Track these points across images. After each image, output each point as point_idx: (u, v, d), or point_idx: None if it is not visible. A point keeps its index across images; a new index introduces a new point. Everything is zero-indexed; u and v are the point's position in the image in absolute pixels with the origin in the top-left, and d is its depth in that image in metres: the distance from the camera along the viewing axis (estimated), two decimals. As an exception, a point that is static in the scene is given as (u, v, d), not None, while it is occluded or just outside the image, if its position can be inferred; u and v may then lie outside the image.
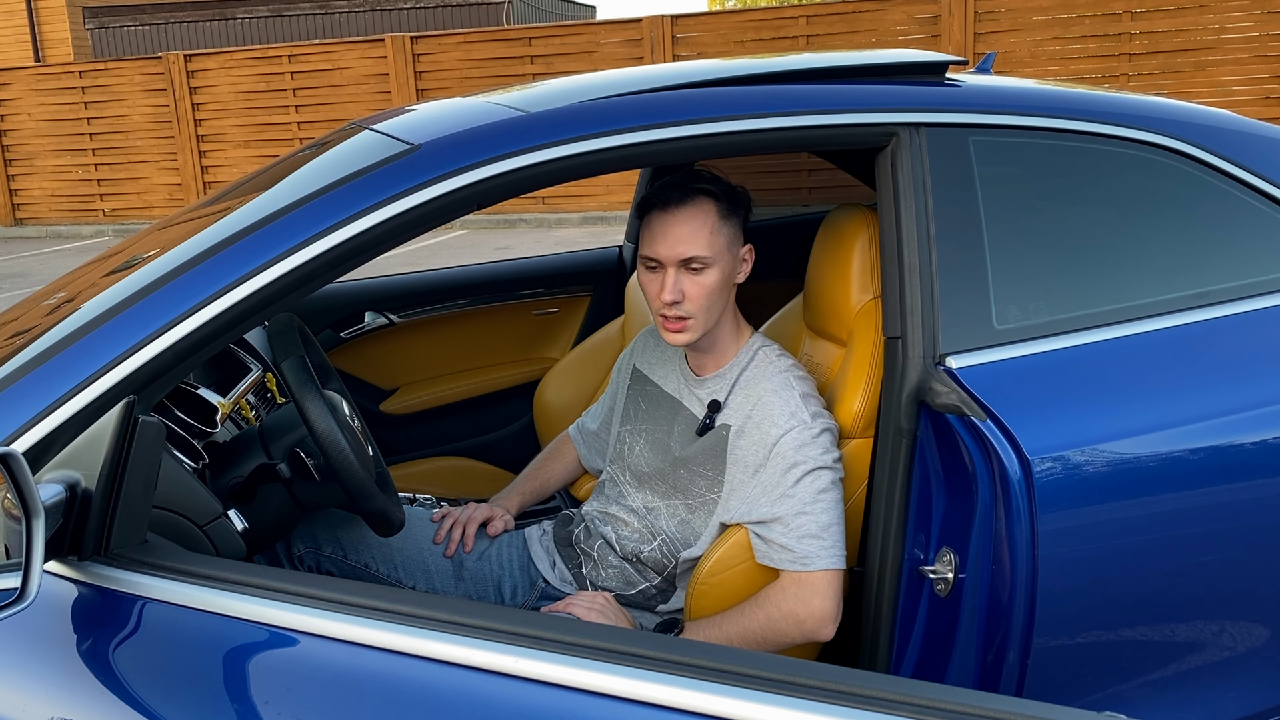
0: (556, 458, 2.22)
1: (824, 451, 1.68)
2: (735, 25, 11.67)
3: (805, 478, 1.65)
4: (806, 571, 1.64)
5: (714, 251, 1.69)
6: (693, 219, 1.69)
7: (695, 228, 1.68)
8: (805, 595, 1.63)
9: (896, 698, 0.99)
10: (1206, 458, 1.58)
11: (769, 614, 1.65)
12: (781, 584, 1.66)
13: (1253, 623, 1.68)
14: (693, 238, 1.68)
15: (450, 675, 1.05)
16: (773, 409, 1.71)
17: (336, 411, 1.65)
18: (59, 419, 1.19)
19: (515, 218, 12.40)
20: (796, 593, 1.64)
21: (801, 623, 1.64)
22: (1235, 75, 10.40)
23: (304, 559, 1.89)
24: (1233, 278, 1.71)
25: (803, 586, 1.64)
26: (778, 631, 1.64)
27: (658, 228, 1.70)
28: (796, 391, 1.72)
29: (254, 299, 1.28)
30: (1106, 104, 1.74)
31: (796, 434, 1.67)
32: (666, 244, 1.69)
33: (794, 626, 1.64)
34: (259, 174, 1.76)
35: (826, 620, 1.64)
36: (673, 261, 1.69)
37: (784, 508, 1.66)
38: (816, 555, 1.64)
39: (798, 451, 1.67)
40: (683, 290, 1.70)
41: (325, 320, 2.72)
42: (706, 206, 1.70)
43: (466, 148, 1.42)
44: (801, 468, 1.66)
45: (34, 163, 14.32)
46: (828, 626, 1.64)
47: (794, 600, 1.64)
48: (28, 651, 1.12)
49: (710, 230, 1.69)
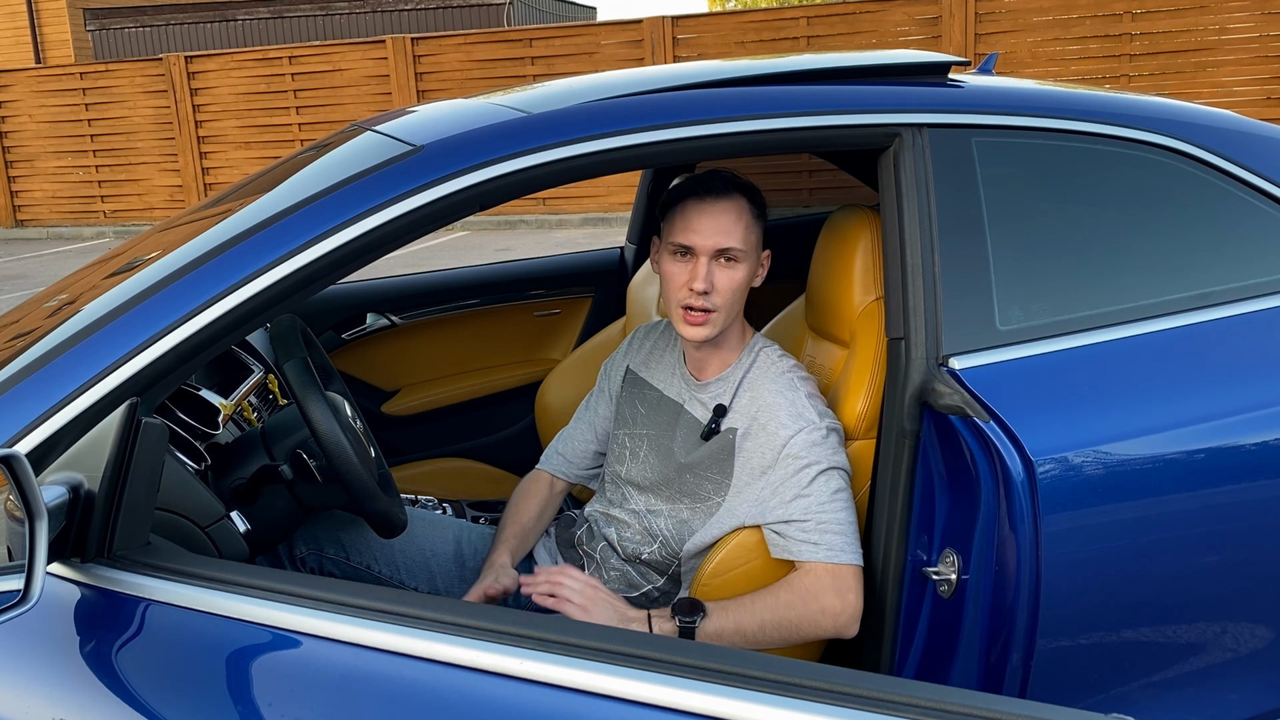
0: (528, 498, 2.04)
1: (834, 451, 1.68)
2: (736, 26, 11.68)
3: (820, 477, 1.65)
4: (837, 564, 1.62)
5: (747, 246, 1.72)
6: (730, 211, 1.71)
7: (733, 220, 1.71)
8: (840, 588, 1.61)
9: (899, 699, 0.99)
10: (1210, 459, 1.58)
11: (806, 604, 1.61)
12: (815, 573, 1.62)
13: (1256, 624, 1.68)
14: (731, 229, 1.70)
15: (453, 677, 1.05)
16: (779, 410, 1.70)
17: (339, 413, 1.65)
18: (62, 421, 1.19)
19: (516, 219, 12.40)
20: (832, 584, 1.61)
21: (837, 615, 1.60)
22: (1236, 76, 10.41)
23: (306, 561, 1.89)
24: (1235, 278, 1.71)
25: (837, 578, 1.61)
26: (810, 621, 1.61)
27: (695, 216, 1.71)
28: (801, 392, 1.72)
29: (257, 301, 1.28)
30: (1109, 104, 1.74)
31: (806, 434, 1.67)
32: (704, 233, 1.70)
33: (828, 619, 1.60)
34: (261, 175, 1.76)
35: (856, 616, 1.62)
36: (708, 251, 1.70)
37: (800, 507, 1.65)
38: (842, 549, 1.62)
39: (809, 451, 1.66)
40: (713, 281, 1.70)
41: (327, 321, 2.72)
42: (742, 203, 1.73)
43: (469, 149, 1.42)
44: (815, 468, 1.65)
45: (35, 164, 14.33)
46: (856, 624, 1.62)
47: (829, 591, 1.60)
48: (31, 653, 1.12)
49: (745, 226, 1.72)
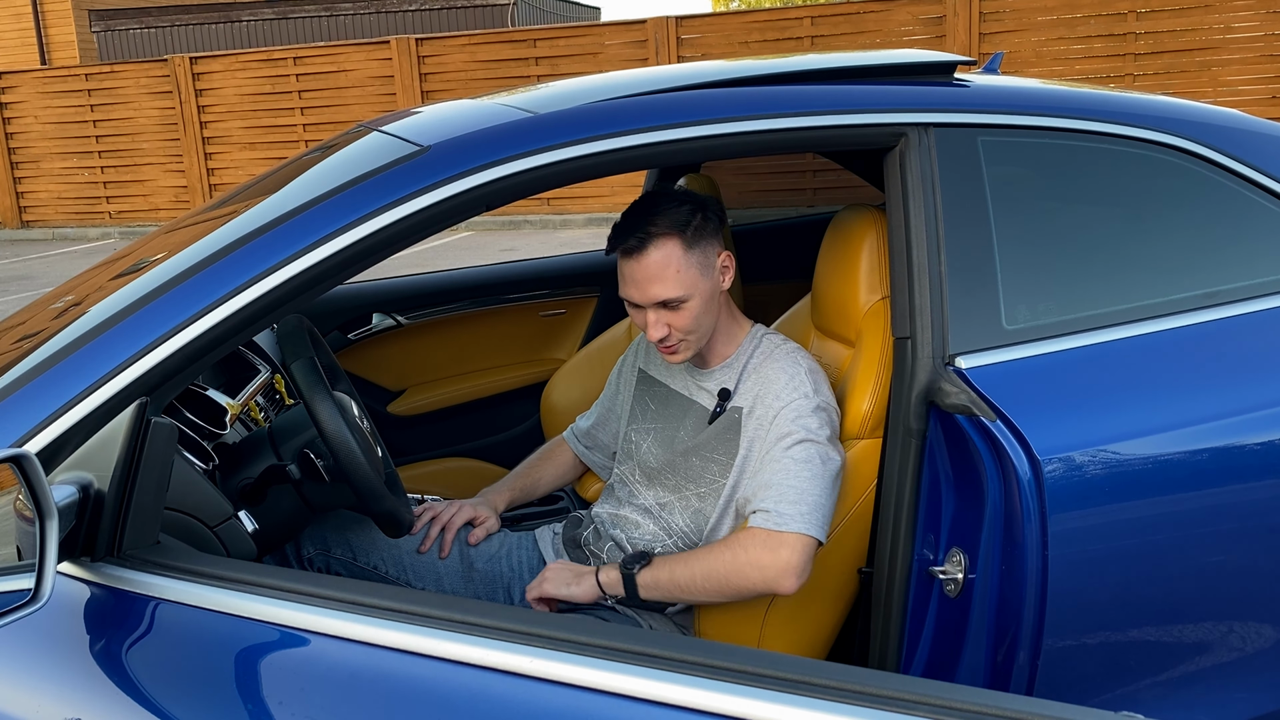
0: (548, 460, 2.21)
1: (820, 425, 1.68)
2: (740, 26, 11.67)
3: (795, 447, 1.67)
4: (780, 531, 1.62)
5: (685, 288, 1.69)
6: (656, 264, 1.68)
7: (660, 272, 1.68)
8: (774, 544, 1.62)
9: (908, 697, 0.99)
10: (1217, 458, 1.58)
11: (735, 555, 1.64)
12: (753, 532, 1.65)
13: (1263, 623, 1.68)
14: (662, 278, 1.68)
15: (463, 675, 1.05)
16: (777, 384, 1.73)
17: (346, 413, 1.66)
18: (71, 420, 1.19)
19: (520, 219, 12.41)
20: (766, 540, 1.62)
21: (764, 569, 1.62)
22: (1241, 75, 10.38)
23: (313, 560, 1.90)
24: (1242, 277, 1.71)
25: (773, 538, 1.62)
26: (742, 575, 1.64)
27: (626, 273, 1.71)
28: (802, 368, 1.74)
29: (265, 300, 1.28)
30: (1115, 103, 1.74)
31: (795, 406, 1.69)
32: (638, 290, 1.70)
33: (757, 572, 1.62)
34: (267, 176, 1.76)
35: (790, 572, 1.61)
36: (649, 303, 1.70)
37: (765, 474, 1.67)
38: (792, 518, 1.62)
39: (793, 422, 1.68)
40: (667, 325, 1.71)
41: (333, 321, 2.72)
42: (668, 246, 1.68)
43: (476, 149, 1.42)
44: (792, 437, 1.67)
45: (40, 165, 14.36)
46: (790, 579, 1.62)
47: (762, 547, 1.62)
48: (41, 652, 1.13)
49: (677, 270, 1.68)
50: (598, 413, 2.14)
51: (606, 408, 2.12)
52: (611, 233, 1.72)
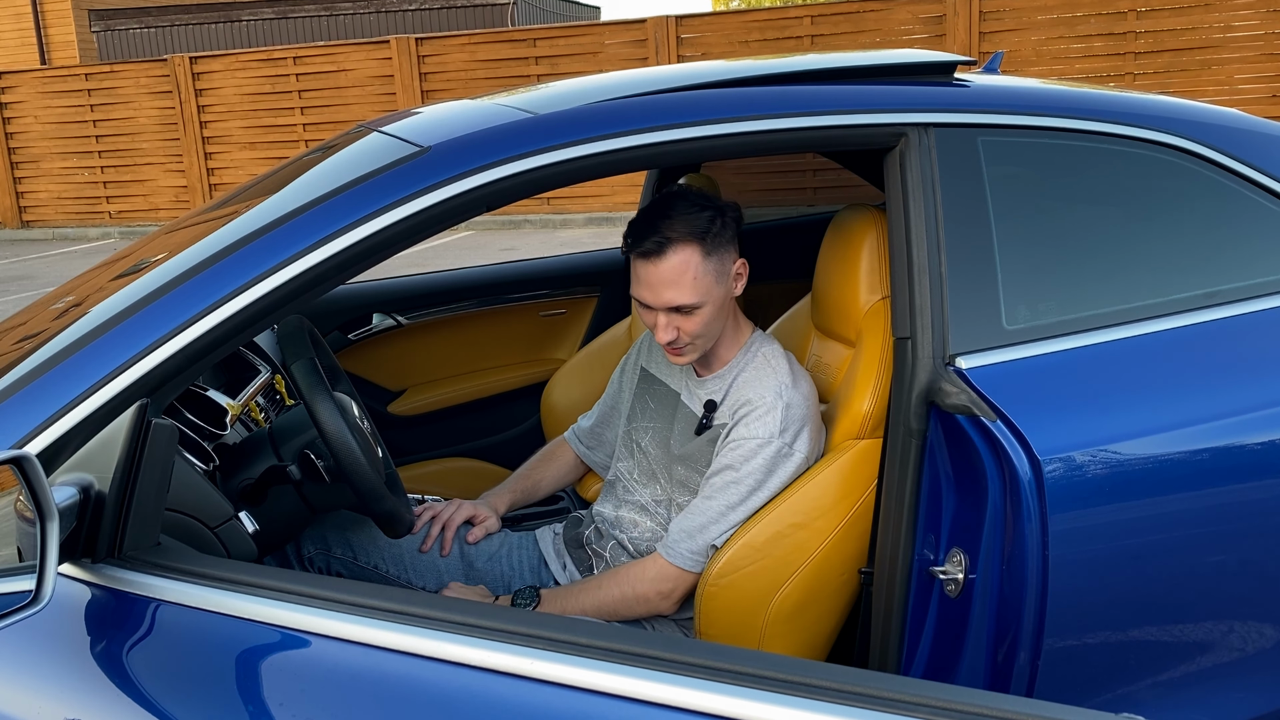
0: (549, 461, 2.21)
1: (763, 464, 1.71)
2: (740, 26, 11.66)
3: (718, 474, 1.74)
4: (667, 562, 1.76)
5: (700, 294, 1.69)
6: (673, 270, 1.67)
7: (676, 278, 1.67)
8: (660, 579, 1.76)
9: (907, 699, 0.99)
10: (1217, 458, 1.58)
11: (624, 593, 1.77)
12: (645, 565, 1.78)
13: (1264, 623, 1.68)
14: (678, 284, 1.68)
15: (464, 676, 1.05)
16: (751, 413, 1.75)
17: (346, 413, 1.66)
18: (72, 421, 1.19)
19: (520, 219, 12.40)
20: (656, 578, 1.76)
21: (649, 603, 1.77)
22: (1241, 74, 10.38)
23: (314, 561, 1.90)
24: (1243, 277, 1.71)
25: (662, 572, 1.76)
26: (630, 610, 1.78)
27: (641, 275, 1.71)
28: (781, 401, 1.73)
29: (266, 301, 1.28)
30: (1115, 103, 1.74)
31: (750, 443, 1.72)
32: (653, 293, 1.70)
33: (643, 606, 1.78)
34: (267, 177, 1.76)
35: (668, 601, 1.77)
36: (662, 307, 1.70)
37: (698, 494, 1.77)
38: (679, 555, 1.74)
39: (732, 451, 1.73)
40: (676, 328, 1.72)
41: (333, 322, 2.72)
42: (686, 253, 1.67)
43: (477, 149, 1.42)
44: (723, 465, 1.74)
45: (40, 165, 14.35)
46: (667, 604, 1.78)
47: (650, 584, 1.76)
48: (42, 653, 1.13)
49: (694, 277, 1.68)
50: (600, 412, 2.14)
51: (609, 406, 2.12)
52: (628, 231, 1.71)
